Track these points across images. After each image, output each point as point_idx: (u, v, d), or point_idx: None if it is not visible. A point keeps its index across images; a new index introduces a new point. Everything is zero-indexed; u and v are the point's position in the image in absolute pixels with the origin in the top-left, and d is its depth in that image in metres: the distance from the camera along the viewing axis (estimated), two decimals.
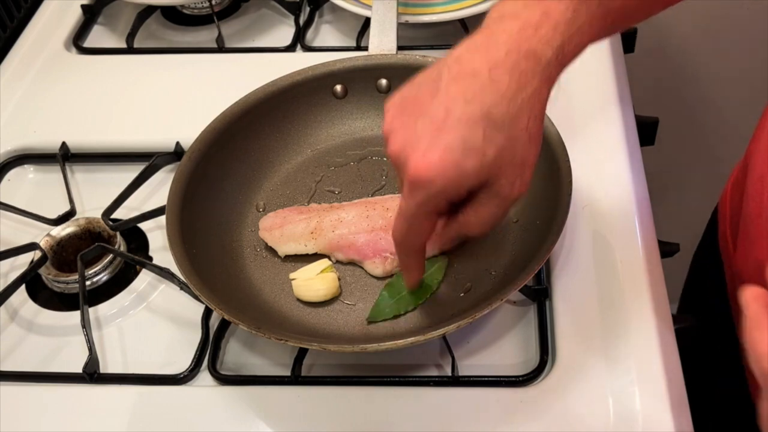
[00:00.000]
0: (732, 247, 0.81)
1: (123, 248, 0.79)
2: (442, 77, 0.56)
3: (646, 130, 0.90)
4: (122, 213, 0.81)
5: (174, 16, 1.08)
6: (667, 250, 0.77)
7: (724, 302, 0.84)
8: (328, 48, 0.99)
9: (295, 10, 1.04)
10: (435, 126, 0.55)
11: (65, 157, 0.88)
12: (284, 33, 1.02)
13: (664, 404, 0.63)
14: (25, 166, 0.90)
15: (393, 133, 0.58)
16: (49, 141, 0.89)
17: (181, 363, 0.70)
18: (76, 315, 0.74)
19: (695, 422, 0.64)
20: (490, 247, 0.73)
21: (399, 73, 0.82)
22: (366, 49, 0.86)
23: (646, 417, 0.63)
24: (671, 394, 0.64)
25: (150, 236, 0.81)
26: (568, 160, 0.70)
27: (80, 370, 0.69)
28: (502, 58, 0.55)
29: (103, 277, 0.78)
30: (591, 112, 0.86)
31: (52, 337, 0.74)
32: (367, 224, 0.73)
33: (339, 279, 0.72)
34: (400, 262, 0.67)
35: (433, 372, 0.68)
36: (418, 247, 0.64)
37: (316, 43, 1.01)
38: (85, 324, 0.71)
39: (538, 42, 0.55)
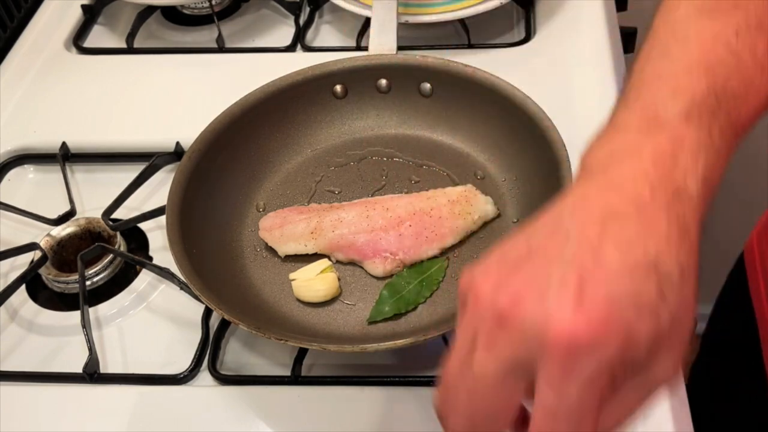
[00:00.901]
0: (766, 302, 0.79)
1: (123, 248, 0.79)
2: (564, 220, 0.42)
3: None
4: (122, 213, 0.81)
5: (174, 16, 1.08)
6: None
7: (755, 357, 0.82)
8: (328, 48, 0.99)
9: (295, 10, 1.04)
10: (580, 274, 0.39)
11: (65, 157, 0.88)
12: (284, 33, 1.02)
13: (664, 404, 0.63)
14: (25, 166, 0.90)
15: (496, 288, 0.42)
16: (49, 141, 0.89)
17: (181, 363, 0.70)
18: (76, 315, 0.74)
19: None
20: (490, 247, 0.73)
21: (399, 73, 0.82)
22: (366, 49, 0.86)
23: (646, 417, 0.63)
24: (671, 394, 0.64)
25: (150, 236, 0.81)
26: (569, 160, 0.70)
27: (80, 370, 0.69)
28: (648, 197, 0.41)
29: (103, 277, 0.78)
30: (591, 112, 0.85)
31: (52, 337, 0.74)
32: (367, 224, 0.73)
33: (339, 279, 0.72)
34: None
35: (433, 372, 0.68)
36: None
37: (316, 43, 1.01)
38: (85, 324, 0.71)
39: (682, 175, 0.43)
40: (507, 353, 0.40)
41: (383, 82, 0.83)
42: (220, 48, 1.00)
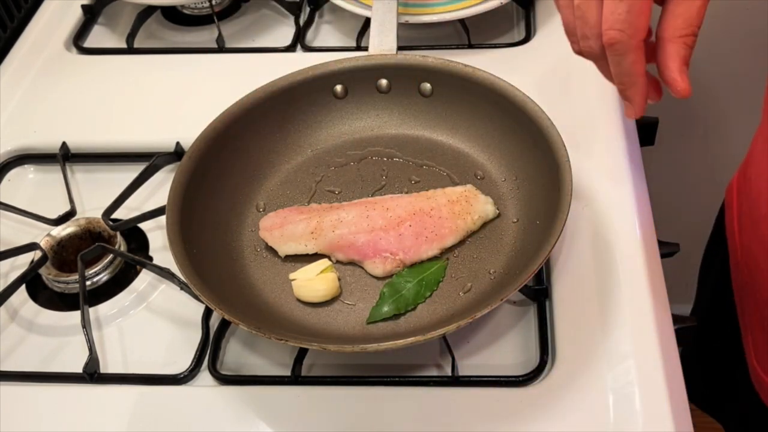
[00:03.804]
0: (738, 232, 0.81)
1: (123, 248, 0.79)
2: None
3: (646, 130, 0.90)
4: (122, 213, 0.81)
5: (174, 16, 1.08)
6: (667, 250, 0.77)
7: (728, 293, 0.84)
8: (328, 48, 0.99)
9: (295, 11, 1.04)
10: None
11: (65, 157, 0.88)
12: (284, 33, 1.02)
13: (664, 404, 0.63)
14: (26, 166, 0.90)
15: None
16: (50, 141, 0.89)
17: (181, 363, 0.70)
18: (76, 315, 0.74)
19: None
20: (490, 247, 0.74)
21: (399, 73, 0.82)
22: (366, 49, 0.86)
23: (646, 417, 0.63)
24: (671, 394, 0.64)
25: (150, 236, 0.81)
26: (568, 160, 0.70)
27: (80, 370, 0.69)
28: None
29: (104, 277, 0.78)
30: (591, 112, 0.86)
31: (52, 337, 0.74)
32: (367, 224, 0.73)
33: (339, 279, 0.72)
34: (618, 75, 0.62)
35: (433, 372, 0.68)
36: (640, 37, 0.58)
37: (316, 43, 1.01)
38: (86, 324, 0.71)
39: None
40: None
41: (383, 82, 0.83)
42: (220, 48, 1.00)
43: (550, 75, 0.91)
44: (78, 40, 1.04)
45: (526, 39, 0.96)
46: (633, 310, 0.69)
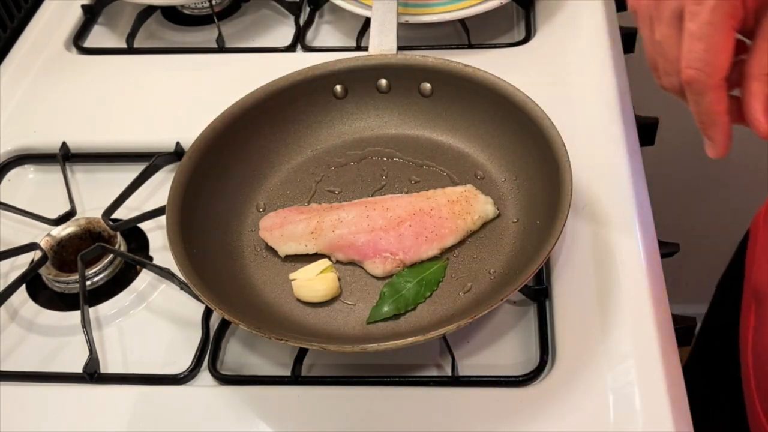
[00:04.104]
0: (752, 263, 0.80)
1: (123, 248, 0.79)
2: None
3: (646, 130, 0.90)
4: (122, 213, 0.81)
5: (174, 16, 1.08)
6: (667, 250, 0.77)
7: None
8: (328, 48, 0.99)
9: (295, 10, 1.04)
10: None
11: (65, 157, 0.88)
12: (284, 33, 1.02)
13: (664, 404, 0.63)
14: (26, 166, 0.90)
15: None
16: (50, 141, 0.89)
17: (181, 363, 0.70)
18: (76, 315, 0.74)
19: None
20: (490, 247, 0.74)
21: (399, 73, 0.82)
22: (366, 49, 0.86)
23: (646, 417, 0.63)
24: (671, 394, 0.64)
25: (150, 236, 0.81)
26: (568, 160, 0.70)
27: (80, 370, 0.69)
28: None
29: (104, 277, 0.78)
30: (591, 112, 0.86)
31: (52, 337, 0.74)
32: (367, 224, 0.73)
33: (339, 279, 0.72)
34: (697, 114, 0.57)
35: (433, 372, 0.68)
36: (719, 76, 0.54)
37: (316, 43, 1.01)
38: (86, 324, 0.71)
39: None
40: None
41: (383, 82, 0.83)
42: (220, 48, 1.00)
43: (550, 75, 0.91)
44: (78, 40, 1.04)
45: (526, 39, 0.96)
46: (633, 310, 0.69)
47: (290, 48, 0.99)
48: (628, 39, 1.00)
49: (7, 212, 0.83)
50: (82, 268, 0.75)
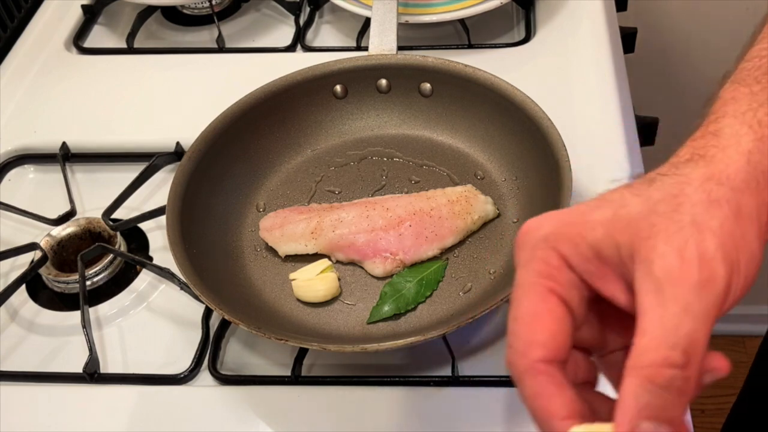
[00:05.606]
0: None
1: (123, 248, 0.79)
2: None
3: (646, 130, 0.90)
4: (122, 213, 0.81)
5: (174, 16, 1.08)
6: None
7: None
8: (328, 48, 0.99)
9: (295, 10, 1.04)
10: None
11: (65, 157, 0.88)
12: (284, 33, 1.02)
13: None
14: (26, 166, 0.90)
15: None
16: (50, 141, 0.89)
17: (181, 363, 0.70)
18: (76, 315, 0.74)
19: None
20: (490, 247, 0.73)
21: (399, 73, 0.82)
22: (366, 49, 0.86)
23: None
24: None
25: (150, 236, 0.81)
26: (568, 160, 0.70)
27: (80, 370, 0.69)
28: None
29: (104, 277, 0.78)
30: (591, 112, 0.86)
31: (52, 337, 0.74)
32: (367, 224, 0.73)
33: (339, 279, 0.72)
34: (529, 409, 0.42)
35: (433, 372, 0.68)
36: (534, 356, 0.41)
37: (316, 43, 1.01)
38: (86, 324, 0.71)
39: None
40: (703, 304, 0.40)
41: (383, 82, 0.83)
42: (220, 48, 1.00)
43: (550, 75, 0.91)
44: (78, 40, 1.03)
45: (526, 39, 0.96)
46: None
47: (290, 48, 0.99)
48: (628, 39, 1.00)
49: (7, 212, 0.83)
50: (82, 268, 0.75)
